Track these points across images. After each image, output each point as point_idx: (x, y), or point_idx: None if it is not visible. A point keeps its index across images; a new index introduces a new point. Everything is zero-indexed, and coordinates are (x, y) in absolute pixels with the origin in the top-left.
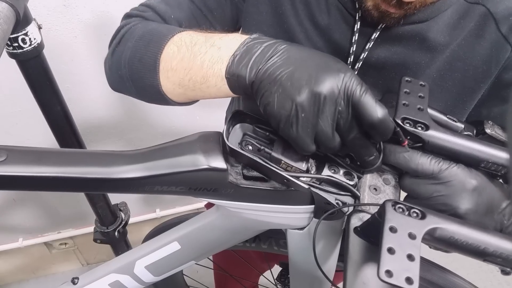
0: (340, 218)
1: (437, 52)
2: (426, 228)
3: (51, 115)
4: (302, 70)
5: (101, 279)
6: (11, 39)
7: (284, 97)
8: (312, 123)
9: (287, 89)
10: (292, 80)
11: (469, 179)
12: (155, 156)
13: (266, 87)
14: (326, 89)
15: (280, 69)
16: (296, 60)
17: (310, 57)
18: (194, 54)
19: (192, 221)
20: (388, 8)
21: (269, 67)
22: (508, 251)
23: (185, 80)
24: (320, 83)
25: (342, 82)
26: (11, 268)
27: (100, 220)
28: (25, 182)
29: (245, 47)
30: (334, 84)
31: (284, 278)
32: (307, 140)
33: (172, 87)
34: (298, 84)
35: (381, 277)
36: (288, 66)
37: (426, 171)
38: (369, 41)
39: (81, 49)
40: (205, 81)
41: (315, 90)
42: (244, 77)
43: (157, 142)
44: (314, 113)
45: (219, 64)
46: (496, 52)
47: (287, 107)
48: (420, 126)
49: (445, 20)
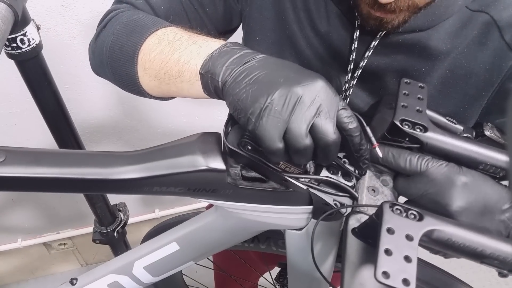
0: (338, 219)
1: (438, 60)
2: (423, 229)
3: (50, 116)
4: (280, 72)
5: (99, 280)
6: (10, 40)
7: (259, 92)
8: (283, 119)
9: (264, 85)
10: (269, 78)
11: (458, 175)
12: (154, 157)
13: (241, 85)
14: (302, 87)
15: (257, 70)
16: (273, 65)
17: (288, 65)
18: (174, 49)
19: (190, 221)
20: (377, 13)
21: (245, 69)
22: (505, 253)
23: (160, 72)
24: (300, 83)
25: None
26: (10, 269)
27: (99, 220)
28: (24, 183)
29: (225, 48)
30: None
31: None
32: (275, 135)
33: (148, 79)
34: (275, 81)
35: (378, 278)
36: (264, 69)
37: (413, 168)
38: (369, 49)
39: (80, 49)
40: (179, 75)
41: (293, 87)
42: (218, 75)
43: (156, 142)
44: (287, 109)
45: (196, 60)
46: (499, 60)
47: (261, 100)
48: (419, 128)
49: (447, 28)
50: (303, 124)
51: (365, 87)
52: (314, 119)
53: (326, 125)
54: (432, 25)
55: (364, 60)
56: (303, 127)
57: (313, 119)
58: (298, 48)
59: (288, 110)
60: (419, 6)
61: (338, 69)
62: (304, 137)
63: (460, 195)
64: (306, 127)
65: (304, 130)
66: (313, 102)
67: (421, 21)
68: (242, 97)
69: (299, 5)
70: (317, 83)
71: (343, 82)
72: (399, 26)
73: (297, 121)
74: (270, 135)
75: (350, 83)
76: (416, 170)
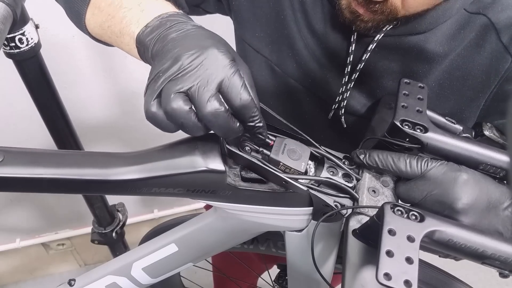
0: (338, 220)
1: (435, 63)
2: (424, 230)
3: (48, 116)
4: (183, 43)
5: (98, 281)
6: (8, 39)
7: (158, 62)
8: (162, 82)
9: (166, 54)
10: (174, 49)
11: (459, 172)
12: (152, 157)
13: (159, 58)
14: (190, 57)
15: (171, 43)
16: (187, 36)
17: (199, 35)
18: (121, 5)
19: (189, 223)
20: (357, 8)
21: (166, 42)
22: (506, 254)
23: (105, 25)
24: (186, 52)
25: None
26: (8, 269)
27: (98, 221)
28: (22, 184)
29: (158, 21)
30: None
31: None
32: (149, 98)
33: (94, 24)
34: (172, 52)
35: (380, 280)
36: (177, 41)
37: (414, 170)
38: (366, 52)
39: (78, 49)
40: (120, 36)
41: (180, 57)
42: (148, 48)
43: (155, 143)
44: (168, 75)
45: (134, 27)
46: (496, 62)
47: (155, 71)
48: (419, 128)
49: (445, 31)
50: (171, 90)
51: (362, 90)
52: (191, 87)
53: (202, 97)
54: (430, 28)
55: (361, 63)
56: (171, 93)
57: (189, 87)
58: (296, 49)
59: (169, 77)
60: (397, 16)
61: (335, 71)
62: (170, 101)
63: (464, 192)
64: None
65: (170, 96)
66: (195, 69)
67: (418, 24)
68: (158, 57)
69: (296, 6)
70: (205, 50)
71: (341, 85)
72: (369, 29)
73: (170, 85)
74: (146, 98)
75: (347, 86)
76: (417, 172)
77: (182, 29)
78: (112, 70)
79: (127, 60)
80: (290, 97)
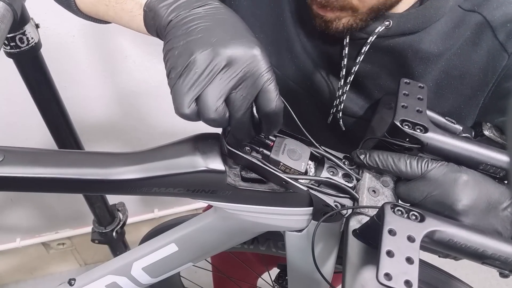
0: (338, 220)
1: (431, 63)
2: (425, 230)
3: (49, 115)
4: (219, 29)
5: (98, 281)
6: (9, 39)
7: (188, 47)
8: (199, 85)
9: (194, 41)
10: (204, 33)
11: (459, 173)
12: (153, 157)
13: (178, 32)
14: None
15: (198, 21)
16: (218, 19)
17: (233, 23)
18: None
19: (189, 223)
20: (319, 11)
21: (189, 15)
22: (506, 254)
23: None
24: (228, 48)
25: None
26: (8, 268)
27: (98, 220)
28: (22, 183)
29: None
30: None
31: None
32: (185, 101)
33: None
34: (207, 39)
35: (380, 280)
36: (207, 21)
37: (414, 171)
38: (360, 54)
39: (79, 48)
40: (123, 2)
41: (220, 52)
42: (162, 16)
43: (156, 142)
44: (207, 75)
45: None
46: (493, 60)
47: (186, 57)
48: (419, 128)
49: (439, 30)
50: (215, 96)
51: (359, 92)
52: (231, 92)
53: (241, 103)
54: (423, 27)
55: (355, 66)
56: (214, 99)
57: (229, 92)
58: (294, 51)
59: (207, 76)
60: (357, 10)
61: (331, 74)
62: (213, 110)
63: (464, 193)
64: (218, 100)
65: (214, 103)
66: (237, 74)
67: (411, 24)
68: (174, 47)
69: (294, 8)
70: (250, 51)
71: (337, 88)
72: (343, 31)
73: (211, 91)
74: (180, 99)
75: (344, 89)
76: (417, 173)
77: (207, 2)
78: (112, 70)
79: (128, 60)
80: (289, 100)
